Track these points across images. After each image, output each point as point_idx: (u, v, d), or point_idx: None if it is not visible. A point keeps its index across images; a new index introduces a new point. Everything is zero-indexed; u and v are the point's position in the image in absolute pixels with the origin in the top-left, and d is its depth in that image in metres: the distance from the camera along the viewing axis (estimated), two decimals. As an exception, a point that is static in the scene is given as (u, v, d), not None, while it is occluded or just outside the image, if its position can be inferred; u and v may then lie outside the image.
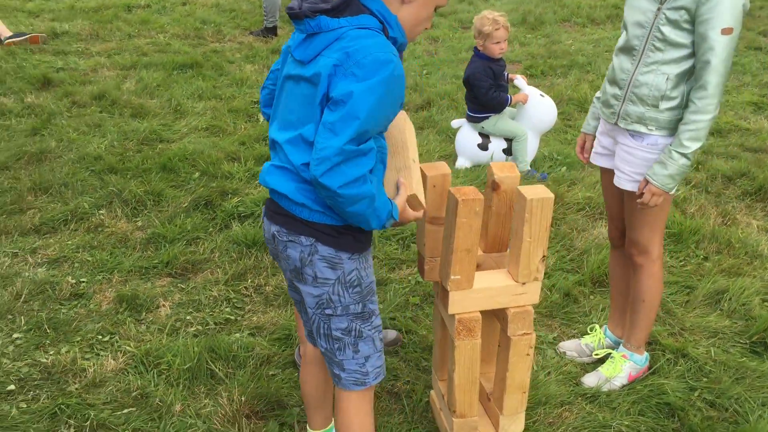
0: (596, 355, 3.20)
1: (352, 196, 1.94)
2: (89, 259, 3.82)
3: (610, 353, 3.17)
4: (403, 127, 2.33)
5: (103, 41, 7.80)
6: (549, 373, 3.12)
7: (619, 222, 3.04)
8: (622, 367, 3.07)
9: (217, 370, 3.03)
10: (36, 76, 6.46)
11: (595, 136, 3.04)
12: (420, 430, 2.81)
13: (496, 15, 4.85)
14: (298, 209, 2.07)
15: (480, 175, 4.79)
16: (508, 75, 5.12)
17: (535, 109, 4.97)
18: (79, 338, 3.24)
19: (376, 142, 2.05)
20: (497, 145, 5.02)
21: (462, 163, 5.07)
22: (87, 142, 5.21)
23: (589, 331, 3.32)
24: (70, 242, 3.97)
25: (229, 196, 4.44)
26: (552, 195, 2.38)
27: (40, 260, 3.82)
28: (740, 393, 2.98)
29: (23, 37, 7.57)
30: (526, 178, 4.85)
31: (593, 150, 3.05)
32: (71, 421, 2.77)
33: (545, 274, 3.83)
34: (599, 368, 3.12)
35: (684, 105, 2.64)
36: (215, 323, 3.37)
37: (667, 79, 2.62)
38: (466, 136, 5.07)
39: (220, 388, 2.95)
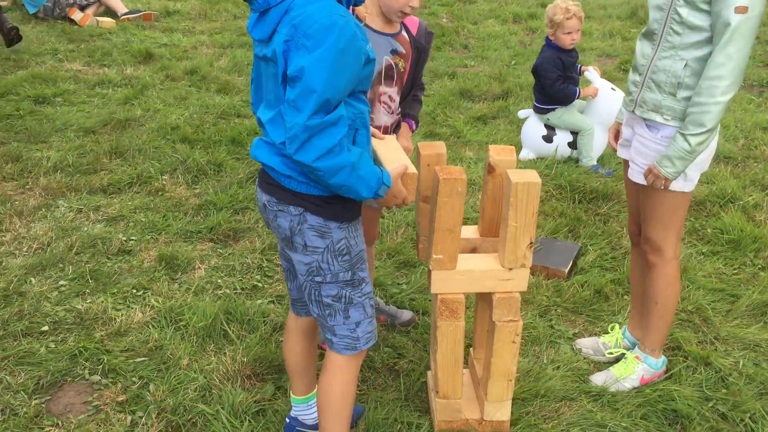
0: (609, 354, 3.10)
1: (329, 168, 1.97)
2: (143, 219, 4.06)
3: (624, 354, 3.06)
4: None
5: (210, 21, 8.18)
6: (558, 367, 3.05)
7: (638, 217, 2.92)
8: (635, 369, 2.96)
9: (230, 331, 3.16)
10: (140, 50, 6.88)
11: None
12: (410, 408, 2.82)
13: (570, 4, 4.72)
14: (285, 180, 2.13)
15: (539, 167, 4.69)
16: (580, 67, 4.97)
17: (604, 103, 4.80)
18: (116, 290, 3.46)
19: (353, 108, 2.07)
20: (562, 137, 4.89)
21: (526, 154, 4.98)
22: (170, 113, 5.50)
23: (609, 330, 3.21)
24: (130, 203, 4.23)
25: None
26: (539, 180, 2.33)
27: (100, 217, 4.10)
28: (758, 408, 2.80)
29: (138, 14, 8.06)
30: (590, 174, 4.70)
31: (618, 141, 2.94)
32: (87, 364, 2.98)
33: (581, 269, 3.73)
34: (611, 368, 3.02)
35: None
36: (242, 288, 3.51)
37: (685, 65, 2.50)
38: (532, 127, 4.98)
39: (229, 348, 3.08)
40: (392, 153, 2.36)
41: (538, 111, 4.93)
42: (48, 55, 6.84)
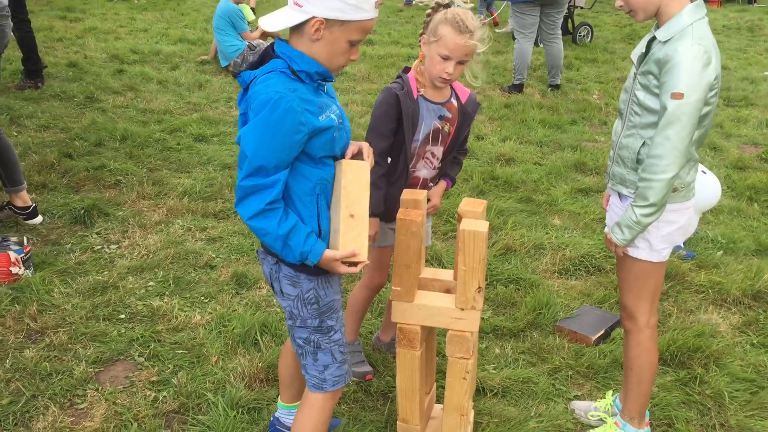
0: (591, 416, 3.16)
1: (258, 229, 2.25)
2: (235, 243, 4.68)
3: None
4: (339, 177, 2.36)
5: (370, 82, 8.94)
6: (542, 421, 3.17)
7: None
8: None
9: (260, 341, 3.62)
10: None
11: None
12: (386, 431, 3.09)
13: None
14: None
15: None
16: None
17: (691, 185, 4.76)
18: (188, 295, 4.07)
19: (313, 176, 2.30)
20: (647, 215, 4.89)
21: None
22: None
23: (604, 396, 3.28)
24: (231, 228, 4.89)
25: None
26: (485, 230, 2.57)
27: (203, 237, 4.78)
28: (724, 493, 2.76)
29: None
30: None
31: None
32: (139, 348, 3.57)
33: (612, 339, 3.78)
34: (591, 430, 3.09)
35: None
36: (291, 309, 3.97)
37: (643, 143, 2.64)
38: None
39: (255, 354, 3.54)
40: (354, 225, 2.32)
41: (627, 187, 4.98)
42: (222, 101, 7.91)
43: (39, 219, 4.85)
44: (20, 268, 4.12)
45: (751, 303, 4.16)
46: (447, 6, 2.96)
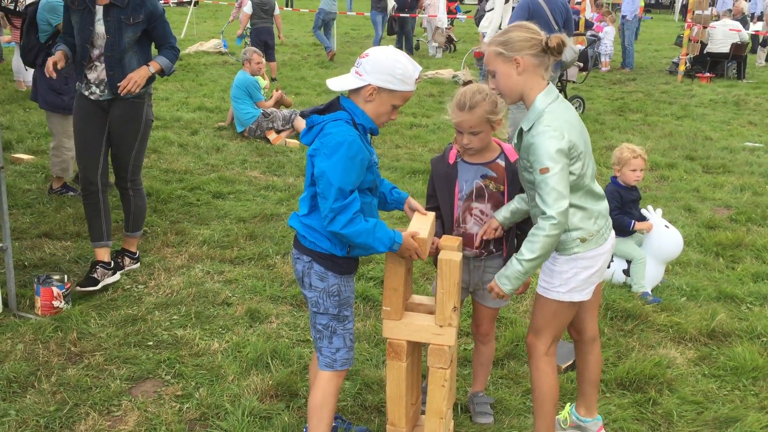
0: None
1: (352, 233, 2.91)
2: (249, 284, 5.26)
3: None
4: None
5: (375, 148, 9.61)
6: (513, 430, 3.68)
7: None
8: None
9: (270, 364, 4.16)
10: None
11: None
12: (378, 436, 3.61)
13: (634, 146, 5.44)
14: (301, 238, 3.12)
15: (589, 287, 5.28)
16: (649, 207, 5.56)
17: (655, 238, 5.35)
18: (207, 327, 4.63)
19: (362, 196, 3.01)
20: (618, 264, 5.46)
21: (587, 276, 5.58)
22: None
23: (563, 408, 3.79)
24: (246, 272, 5.47)
25: (371, 263, 5.61)
26: (458, 259, 3.15)
27: (220, 279, 5.36)
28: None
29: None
30: (637, 298, 5.21)
31: None
32: (166, 368, 4.12)
33: (573, 367, 4.30)
34: None
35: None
36: (297, 339, 4.52)
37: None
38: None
39: (267, 374, 4.07)
40: (418, 223, 3.23)
41: (600, 240, 5.56)
42: (237, 163, 8.59)
43: (137, 265, 5.52)
44: (61, 302, 4.70)
45: (706, 341, 4.68)
46: (467, 83, 3.40)
